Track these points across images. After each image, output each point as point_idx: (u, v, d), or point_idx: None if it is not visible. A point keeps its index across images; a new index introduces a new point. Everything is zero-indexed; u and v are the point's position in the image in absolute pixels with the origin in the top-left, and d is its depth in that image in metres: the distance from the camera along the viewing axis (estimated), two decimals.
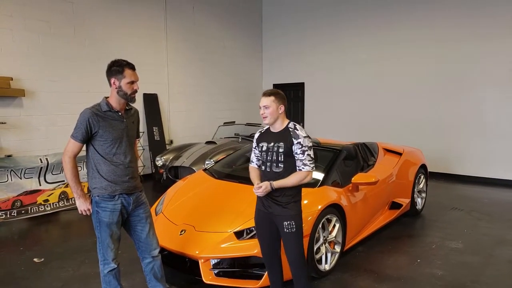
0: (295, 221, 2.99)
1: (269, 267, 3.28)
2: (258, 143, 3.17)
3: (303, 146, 2.97)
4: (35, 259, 4.50)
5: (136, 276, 3.98)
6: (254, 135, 3.27)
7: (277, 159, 3.01)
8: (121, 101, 3.01)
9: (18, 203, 6.03)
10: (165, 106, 9.43)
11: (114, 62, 2.97)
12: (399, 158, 5.84)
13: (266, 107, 3.00)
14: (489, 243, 4.97)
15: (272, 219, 3.07)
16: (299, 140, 2.97)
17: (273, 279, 3.31)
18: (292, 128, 3.04)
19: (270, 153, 3.04)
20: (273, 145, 3.03)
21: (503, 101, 8.09)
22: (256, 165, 3.24)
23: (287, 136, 3.01)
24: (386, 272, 4.14)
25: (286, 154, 2.98)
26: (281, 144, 2.99)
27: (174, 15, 9.44)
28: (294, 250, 3.05)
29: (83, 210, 2.99)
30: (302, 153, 2.97)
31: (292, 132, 3.01)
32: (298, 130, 3.03)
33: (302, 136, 2.98)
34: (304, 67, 11.19)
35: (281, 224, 3.01)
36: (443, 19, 8.66)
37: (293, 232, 2.99)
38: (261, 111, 3.03)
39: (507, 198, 7.25)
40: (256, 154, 3.23)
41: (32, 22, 6.94)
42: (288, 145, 2.98)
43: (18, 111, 6.83)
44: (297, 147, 2.97)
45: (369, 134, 9.20)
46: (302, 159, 2.97)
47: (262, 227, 3.17)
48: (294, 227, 2.99)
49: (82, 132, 2.89)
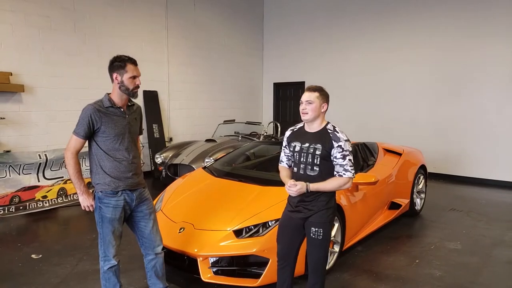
0: (323, 229, 2.85)
1: (281, 268, 3.14)
2: (290, 142, 2.99)
3: (344, 150, 2.79)
4: (33, 256, 4.49)
5: (135, 273, 3.98)
6: (285, 133, 3.09)
7: (313, 162, 2.83)
8: (123, 97, 3.00)
9: (17, 199, 6.02)
10: (165, 103, 9.41)
11: (116, 58, 2.97)
12: (399, 158, 5.83)
13: (309, 102, 2.82)
14: (487, 244, 4.98)
15: (299, 223, 2.94)
16: (340, 143, 2.79)
17: (281, 281, 3.17)
18: (332, 130, 2.86)
19: (304, 154, 2.86)
20: (309, 146, 2.85)
21: (503, 102, 8.09)
22: (286, 165, 3.07)
23: (326, 138, 2.83)
24: (385, 272, 4.14)
25: (323, 157, 2.81)
26: (318, 146, 2.81)
27: (175, 12, 9.42)
28: (317, 256, 2.94)
29: (86, 206, 2.98)
30: (343, 157, 2.79)
31: (332, 134, 2.83)
32: (338, 132, 2.84)
33: (343, 140, 2.80)
34: (304, 66, 11.17)
35: (309, 229, 2.89)
36: (444, 19, 8.65)
37: (319, 239, 2.86)
38: (302, 106, 2.85)
39: (505, 199, 7.26)
40: (286, 154, 3.06)
41: (32, 17, 6.91)
42: (327, 148, 2.80)
43: (17, 107, 6.81)
44: (337, 150, 2.79)
45: (369, 134, 9.21)
46: (343, 164, 2.79)
47: (287, 230, 3.03)
48: (321, 235, 2.85)
49: (84, 128, 2.88)
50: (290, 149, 2.98)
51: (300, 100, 2.90)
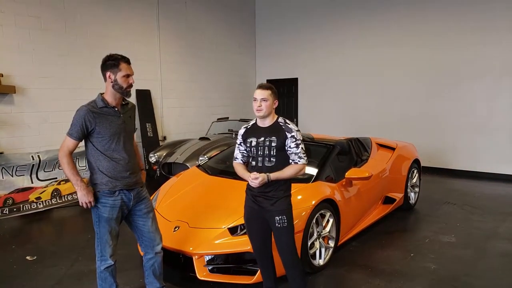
0: (286, 216, 3.02)
1: (261, 263, 3.28)
2: (245, 139, 3.15)
3: (296, 140, 3.01)
4: (27, 257, 4.46)
5: (131, 273, 3.97)
6: (239, 132, 3.23)
7: (269, 153, 3.02)
8: (117, 96, 2.99)
9: (10, 200, 5.98)
10: (158, 102, 9.38)
11: (109, 56, 2.96)
12: (392, 153, 5.86)
13: (264, 99, 2.99)
14: (482, 236, 5.02)
15: (263, 215, 3.07)
16: (292, 133, 3.01)
17: (265, 276, 3.32)
18: (283, 123, 3.07)
19: (261, 147, 3.04)
20: (264, 139, 3.03)
21: (494, 95, 8.15)
22: (241, 161, 3.22)
23: (279, 130, 3.03)
24: (380, 267, 4.16)
25: (278, 149, 3.01)
26: (273, 139, 3.01)
27: (166, 10, 9.37)
28: (286, 245, 3.06)
29: (84, 203, 2.92)
30: (296, 146, 3.01)
31: (284, 127, 3.04)
32: (289, 124, 3.07)
33: (294, 130, 3.03)
34: (297, 63, 11.16)
35: (273, 219, 3.01)
36: (434, 14, 8.68)
37: (284, 226, 3.01)
38: (256, 103, 3.01)
39: (498, 191, 7.32)
40: (241, 151, 3.21)
41: (22, 18, 6.85)
42: (282, 139, 3.00)
43: (9, 108, 6.76)
44: (291, 140, 3.00)
45: (362, 129, 9.24)
46: (297, 152, 3.01)
47: (253, 224, 3.16)
48: (286, 222, 3.01)
49: (77, 130, 2.87)
50: (247, 145, 3.13)
51: (254, 97, 3.04)
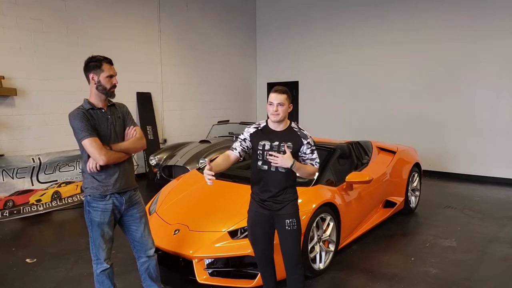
0: (296, 218, 3.02)
1: (262, 268, 3.25)
2: (256, 140, 3.03)
3: (311, 146, 3.03)
4: (27, 260, 4.46)
5: (131, 276, 3.96)
6: (247, 129, 3.10)
7: None
8: (102, 97, 2.98)
9: (10, 203, 5.98)
10: (159, 105, 9.38)
11: (92, 58, 2.94)
12: (393, 156, 5.85)
13: (281, 104, 2.93)
14: (482, 241, 5.00)
15: (270, 220, 3.04)
16: (308, 140, 3.02)
17: (266, 280, 3.30)
18: (297, 129, 3.05)
19: (275, 152, 2.94)
20: (279, 144, 2.96)
21: (496, 99, 8.14)
22: (238, 153, 3.08)
23: (294, 136, 3.01)
24: (381, 271, 4.15)
25: (293, 154, 2.94)
26: (289, 144, 2.96)
27: (167, 13, 9.39)
28: (293, 247, 3.03)
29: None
30: (312, 152, 3.03)
31: (299, 133, 3.03)
32: (303, 130, 3.07)
33: (309, 136, 3.04)
34: (298, 66, 11.17)
35: (283, 222, 2.99)
36: (436, 18, 8.69)
37: (294, 229, 3.00)
38: (273, 108, 2.92)
39: (498, 196, 7.30)
40: (243, 145, 3.07)
41: (24, 20, 6.87)
42: (298, 145, 2.99)
43: (10, 110, 6.77)
44: (307, 147, 3.01)
45: (363, 133, 9.22)
46: (313, 158, 3.03)
47: (259, 229, 3.11)
48: (295, 224, 3.00)
49: (88, 128, 2.81)
50: (258, 147, 3.01)
51: (269, 102, 2.96)
